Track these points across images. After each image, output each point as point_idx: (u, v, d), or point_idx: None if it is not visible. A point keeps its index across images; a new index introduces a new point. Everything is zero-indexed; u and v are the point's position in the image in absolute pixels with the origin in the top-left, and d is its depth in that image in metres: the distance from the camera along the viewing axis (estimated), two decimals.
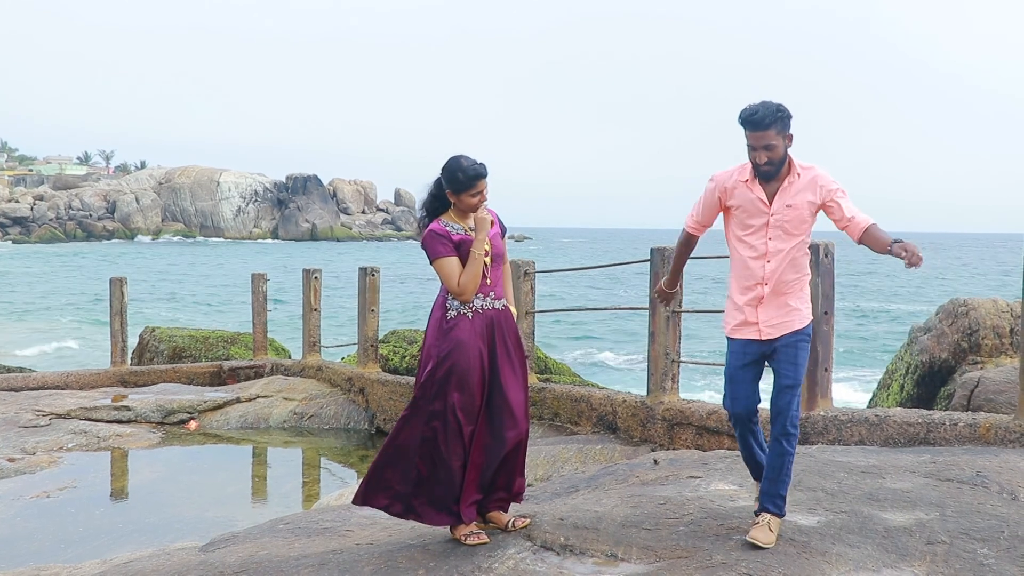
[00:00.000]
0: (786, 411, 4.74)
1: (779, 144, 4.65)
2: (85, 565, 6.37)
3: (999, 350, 10.26)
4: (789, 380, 4.76)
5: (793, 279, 4.78)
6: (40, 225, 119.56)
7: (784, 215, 4.72)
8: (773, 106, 4.63)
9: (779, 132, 4.64)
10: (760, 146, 4.64)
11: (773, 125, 4.61)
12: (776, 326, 4.79)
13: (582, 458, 8.34)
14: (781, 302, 4.78)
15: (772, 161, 4.66)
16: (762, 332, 4.80)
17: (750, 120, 4.63)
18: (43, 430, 11.38)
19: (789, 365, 4.77)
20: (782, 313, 4.78)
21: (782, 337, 4.78)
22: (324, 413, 12.86)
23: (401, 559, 4.85)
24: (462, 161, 5.03)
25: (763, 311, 4.80)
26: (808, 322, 4.82)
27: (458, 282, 4.96)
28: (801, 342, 4.78)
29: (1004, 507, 5.15)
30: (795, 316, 4.78)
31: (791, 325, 4.78)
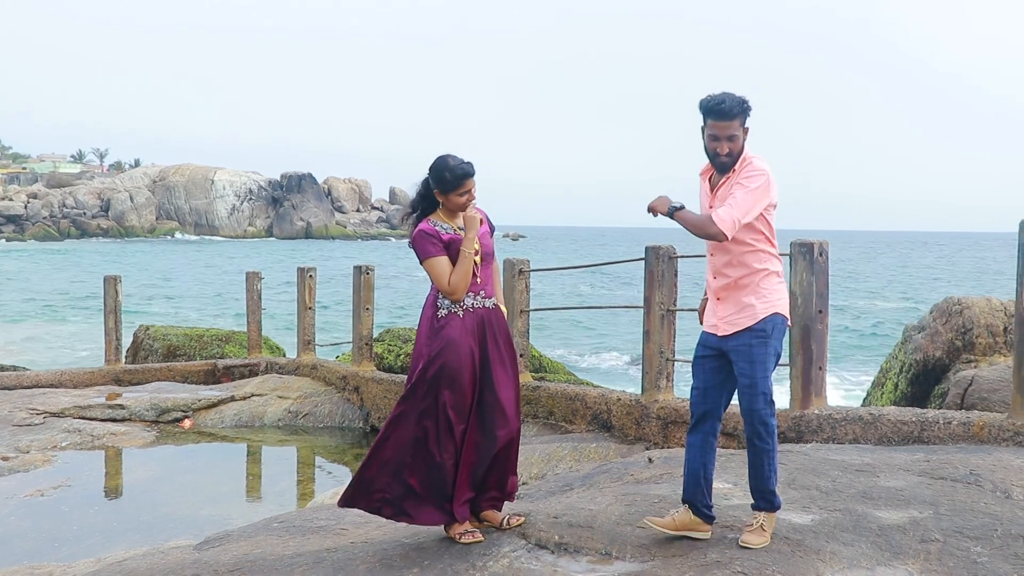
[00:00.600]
0: (750, 412, 4.67)
1: (740, 136, 4.63)
2: (79, 564, 6.37)
3: (993, 349, 10.28)
4: (746, 380, 4.67)
5: (744, 274, 4.71)
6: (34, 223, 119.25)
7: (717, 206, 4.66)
8: (738, 97, 4.61)
9: (742, 124, 4.63)
10: (724, 136, 4.61)
11: (738, 116, 4.60)
12: (730, 323, 4.73)
13: (576, 456, 8.35)
14: (737, 298, 4.72)
15: (732, 153, 4.63)
16: (719, 327, 4.77)
17: (716, 109, 4.59)
18: (37, 429, 11.36)
19: (745, 364, 4.68)
20: (737, 309, 4.72)
21: (735, 336, 4.71)
22: (319, 411, 12.85)
23: (396, 557, 4.86)
24: (449, 160, 5.03)
25: (720, 306, 4.78)
26: (762, 318, 4.67)
27: (448, 281, 4.96)
28: (756, 339, 4.67)
29: (997, 505, 5.16)
30: (748, 313, 4.69)
31: (743, 323, 4.70)
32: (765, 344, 4.67)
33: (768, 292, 4.72)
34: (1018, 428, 6.51)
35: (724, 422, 7.87)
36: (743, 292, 4.72)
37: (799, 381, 7.58)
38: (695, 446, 4.82)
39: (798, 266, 7.55)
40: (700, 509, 4.79)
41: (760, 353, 4.66)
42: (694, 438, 4.83)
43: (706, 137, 4.67)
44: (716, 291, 4.80)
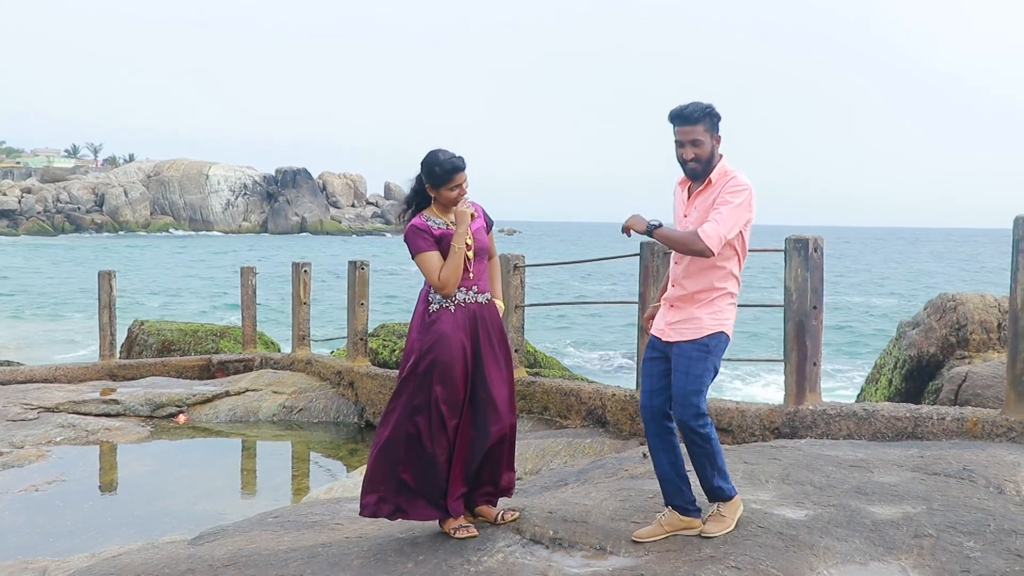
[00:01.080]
0: (681, 422, 4.70)
1: (706, 141, 4.64)
2: (74, 558, 6.37)
3: (987, 345, 10.29)
4: (679, 392, 4.69)
5: (702, 289, 4.73)
6: (28, 218, 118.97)
7: (692, 219, 4.70)
8: (703, 104, 4.65)
9: (707, 129, 4.64)
10: (688, 141, 4.64)
11: (701, 121, 4.63)
12: (677, 330, 4.76)
13: (571, 452, 8.36)
14: (689, 309, 4.75)
15: (699, 158, 4.65)
16: (665, 332, 4.81)
17: (680, 115, 4.65)
18: (31, 424, 11.35)
19: (679, 375, 4.70)
20: (685, 319, 4.75)
21: (676, 344, 4.74)
22: (313, 407, 12.85)
23: (390, 552, 4.86)
24: (439, 155, 5.04)
25: (671, 312, 4.81)
26: (706, 334, 4.69)
27: (439, 276, 4.97)
28: (695, 352, 4.68)
29: (991, 501, 5.17)
30: (695, 325, 4.72)
31: (686, 334, 4.73)
32: (705, 359, 4.70)
33: (719, 311, 4.75)
34: (1011, 424, 6.53)
35: (719, 417, 7.91)
36: (696, 305, 4.75)
37: (793, 377, 7.59)
38: (658, 450, 4.84)
39: (793, 262, 7.56)
40: (685, 508, 4.81)
41: (698, 367, 4.68)
42: (654, 442, 4.85)
43: (675, 145, 4.72)
44: (672, 299, 4.84)
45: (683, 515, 4.80)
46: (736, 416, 7.84)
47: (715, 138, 4.68)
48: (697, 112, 4.62)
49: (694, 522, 4.80)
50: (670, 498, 4.83)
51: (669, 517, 4.81)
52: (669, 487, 4.83)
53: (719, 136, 4.70)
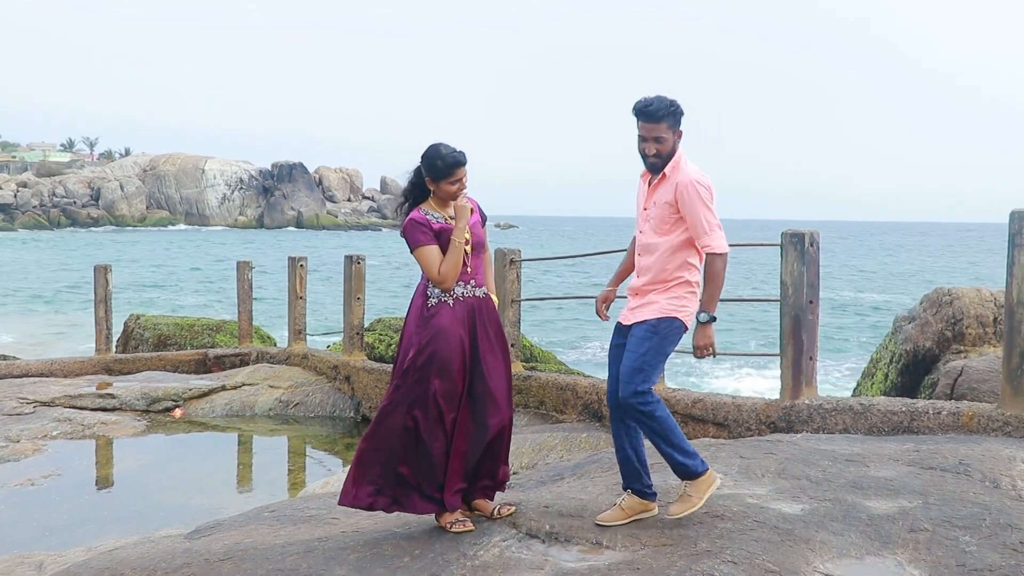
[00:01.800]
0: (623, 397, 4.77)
1: (669, 138, 4.75)
2: (70, 552, 6.37)
3: (982, 339, 10.31)
4: (623, 368, 4.80)
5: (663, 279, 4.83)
6: (24, 212, 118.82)
7: (651, 211, 4.85)
8: (667, 100, 4.75)
9: (670, 126, 4.75)
10: (651, 137, 4.75)
11: (665, 119, 4.73)
12: (634, 314, 4.89)
13: (568, 446, 8.36)
14: (648, 296, 4.86)
15: (660, 154, 4.77)
16: (624, 316, 4.95)
17: (644, 111, 4.74)
18: (27, 418, 11.34)
19: (627, 354, 4.81)
20: (642, 304, 4.87)
21: (633, 326, 4.87)
22: (310, 401, 12.85)
23: (386, 546, 4.86)
24: (441, 149, 5.04)
25: (632, 300, 4.94)
26: (658, 317, 4.79)
27: (438, 270, 4.97)
28: (644, 332, 4.79)
29: (986, 495, 5.18)
30: (649, 308, 4.83)
31: (641, 315, 4.84)
32: (651, 339, 4.79)
33: (677, 298, 4.85)
34: (1007, 418, 6.54)
35: (715, 411, 7.92)
36: (655, 291, 4.86)
37: (789, 371, 7.60)
38: (619, 434, 4.96)
39: (789, 256, 7.56)
40: (643, 491, 4.95)
41: (643, 346, 4.78)
42: (616, 426, 4.97)
43: (638, 139, 4.82)
44: (635, 288, 4.94)
45: (641, 499, 4.94)
46: (732, 410, 7.85)
47: (676, 133, 4.80)
48: (662, 110, 4.72)
49: (651, 505, 4.96)
50: (629, 481, 4.97)
51: (629, 501, 4.94)
52: (628, 470, 4.96)
53: (681, 131, 4.81)
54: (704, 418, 8.04)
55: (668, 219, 4.81)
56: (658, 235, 4.84)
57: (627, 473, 4.98)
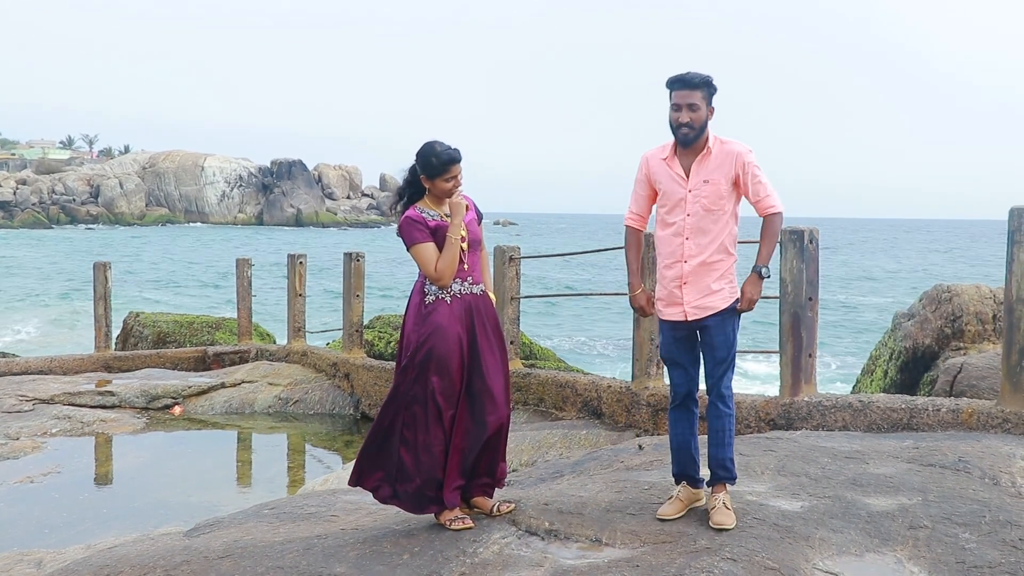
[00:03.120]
0: (718, 384, 4.87)
1: (702, 108, 4.72)
2: (69, 550, 6.36)
3: (982, 336, 10.31)
4: (723, 354, 4.85)
5: (717, 259, 4.83)
6: (23, 210, 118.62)
7: (702, 191, 4.77)
8: (703, 73, 4.74)
9: (704, 96, 4.73)
10: (685, 103, 4.71)
11: (700, 88, 4.71)
12: (701, 307, 4.84)
13: (567, 443, 8.36)
14: (704, 284, 4.82)
15: (693, 124, 4.72)
16: (688, 313, 4.86)
17: (680, 79, 4.73)
18: (26, 415, 11.34)
19: (721, 343, 4.84)
20: (705, 295, 4.83)
21: (709, 317, 4.84)
22: (309, 398, 12.85)
23: (386, 544, 4.86)
24: (436, 146, 5.05)
25: (687, 291, 4.84)
26: (732, 301, 4.85)
27: (435, 267, 4.97)
28: (727, 316, 4.84)
29: (986, 492, 5.18)
30: (720, 296, 4.83)
31: (716, 305, 4.83)
32: (735, 324, 4.89)
33: (733, 280, 4.90)
34: (1007, 415, 6.54)
35: None
36: (711, 277, 4.83)
37: (789, 368, 7.60)
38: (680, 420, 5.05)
39: (788, 253, 7.55)
40: (696, 479, 5.02)
41: (733, 335, 4.88)
42: (680, 413, 5.05)
43: (670, 110, 4.78)
44: (685, 276, 4.84)
45: (694, 487, 4.99)
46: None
47: (710, 109, 4.77)
48: (697, 79, 4.72)
49: (700, 493, 5.00)
50: (685, 467, 5.01)
51: (685, 492, 4.98)
52: (685, 457, 5.00)
53: (713, 108, 4.79)
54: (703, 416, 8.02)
55: (724, 194, 4.78)
56: (713, 212, 4.78)
57: (684, 460, 5.01)
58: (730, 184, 4.78)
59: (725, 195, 4.78)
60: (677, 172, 4.84)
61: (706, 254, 4.80)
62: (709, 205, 4.78)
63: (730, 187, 4.78)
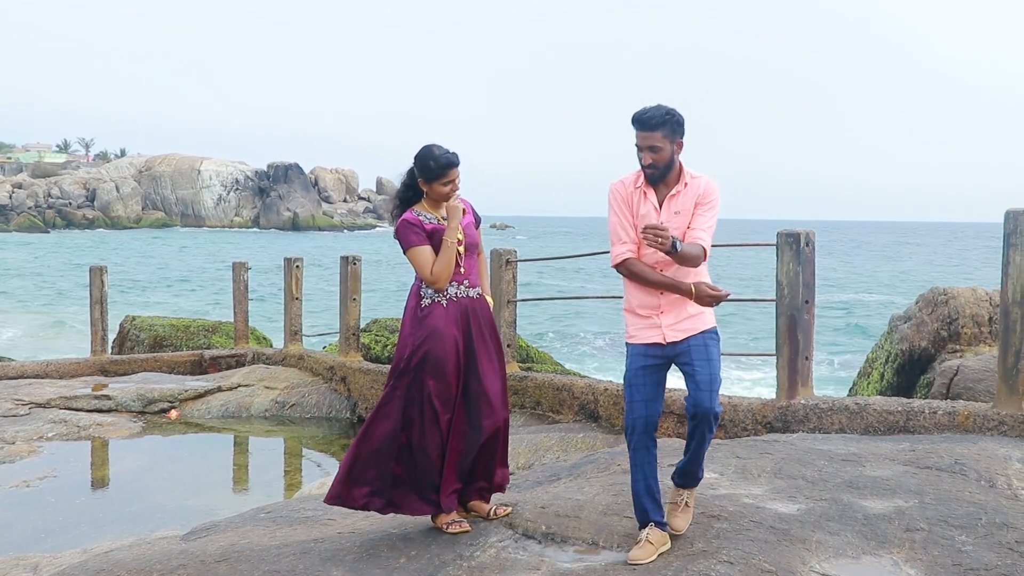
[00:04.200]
0: (710, 409, 4.59)
1: (665, 147, 4.61)
2: (66, 554, 6.36)
3: (978, 339, 10.32)
4: (705, 375, 4.61)
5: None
6: (19, 213, 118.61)
7: (673, 222, 4.64)
8: (664, 110, 4.62)
9: (666, 136, 4.60)
10: (646, 146, 4.62)
11: (660, 128, 4.60)
12: (680, 329, 4.66)
13: (564, 446, 8.36)
14: (681, 309, 4.67)
15: (656, 164, 4.62)
16: (666, 336, 4.66)
17: (639, 120, 4.63)
18: (23, 419, 11.32)
19: (702, 363, 4.62)
20: (685, 318, 4.67)
21: (689, 338, 4.65)
22: (306, 402, 12.84)
23: (383, 547, 4.86)
24: (434, 150, 5.06)
25: (664, 317, 4.68)
26: (713, 324, 4.71)
27: (431, 271, 4.98)
28: (710, 339, 4.67)
29: (982, 494, 5.19)
30: (699, 319, 4.68)
31: (696, 327, 4.67)
32: (718, 345, 4.71)
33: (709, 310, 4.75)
34: (1003, 418, 6.55)
35: None
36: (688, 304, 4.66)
37: (785, 371, 7.60)
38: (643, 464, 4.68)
39: (784, 256, 7.56)
40: (663, 523, 4.69)
41: (716, 352, 4.67)
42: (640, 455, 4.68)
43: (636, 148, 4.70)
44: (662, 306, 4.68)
45: (662, 530, 4.65)
46: (728, 411, 7.85)
47: (676, 143, 4.65)
48: (656, 119, 4.61)
49: (667, 537, 4.67)
50: (651, 514, 4.66)
51: (655, 534, 4.62)
52: (650, 504, 4.67)
53: (681, 142, 4.67)
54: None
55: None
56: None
57: (649, 507, 4.66)
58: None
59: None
60: (652, 203, 4.73)
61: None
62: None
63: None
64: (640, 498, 4.67)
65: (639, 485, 4.66)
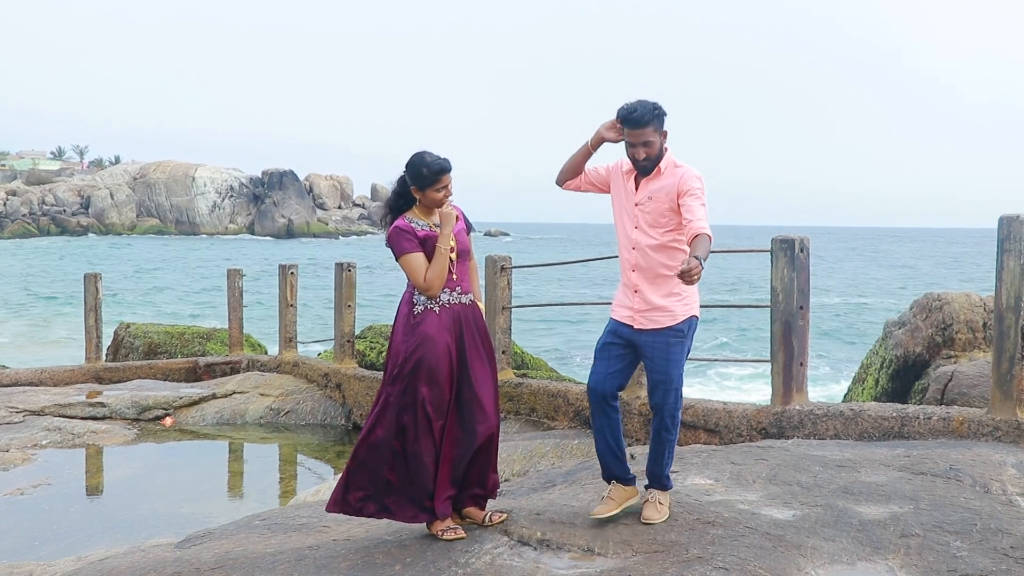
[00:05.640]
0: (662, 406, 4.89)
1: (656, 140, 4.84)
2: (60, 563, 6.34)
3: (972, 344, 10.34)
4: (660, 376, 4.87)
5: (666, 273, 4.88)
6: (13, 221, 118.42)
7: (646, 205, 4.89)
8: (650, 104, 4.83)
9: (656, 129, 4.83)
10: (639, 143, 4.84)
11: (651, 123, 4.81)
12: (647, 318, 4.91)
13: (559, 453, 8.35)
14: (653, 297, 4.89)
15: (650, 157, 4.86)
16: (635, 320, 4.95)
17: (629, 118, 4.82)
18: (17, 427, 11.30)
19: (659, 362, 4.88)
20: (653, 308, 4.90)
21: (650, 332, 4.90)
22: (300, 409, 12.83)
23: (378, 555, 4.85)
24: (426, 156, 5.07)
25: (637, 299, 4.94)
26: (682, 320, 4.89)
27: (424, 277, 4.99)
28: (673, 337, 4.87)
29: (977, 500, 5.19)
30: (667, 313, 4.88)
31: (661, 321, 4.88)
32: (681, 344, 4.91)
33: (686, 296, 4.93)
34: (997, 423, 6.55)
35: (706, 417, 7.92)
36: (662, 290, 4.90)
37: (780, 377, 7.61)
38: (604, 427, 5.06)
39: (779, 262, 7.57)
40: (626, 478, 5.09)
41: (675, 353, 4.89)
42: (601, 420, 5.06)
43: (626, 146, 4.91)
44: (635, 284, 4.95)
45: (625, 485, 5.06)
46: (723, 417, 7.85)
47: (663, 134, 4.88)
48: (647, 115, 4.81)
49: (635, 491, 5.08)
50: (613, 470, 5.07)
51: (616, 491, 5.03)
52: (611, 460, 5.07)
53: (666, 131, 4.89)
54: (695, 424, 8.04)
55: (666, 212, 4.86)
56: (659, 227, 4.89)
57: (610, 463, 5.07)
58: (674, 204, 4.86)
59: (668, 213, 4.88)
60: (629, 186, 4.99)
61: (656, 265, 4.91)
62: (653, 220, 4.89)
63: (673, 207, 4.86)
64: (602, 456, 5.10)
65: (601, 445, 5.09)
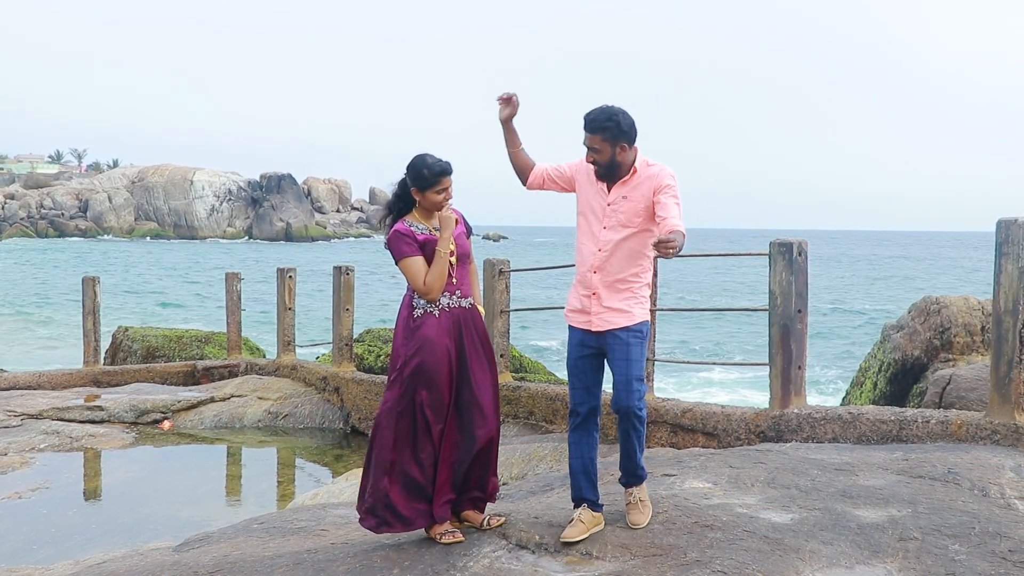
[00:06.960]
0: (627, 409, 4.89)
1: (604, 150, 4.85)
2: (58, 566, 6.34)
3: (971, 348, 10.34)
4: (622, 376, 4.88)
5: (630, 276, 4.91)
6: (11, 224, 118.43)
7: (620, 206, 4.90)
8: (607, 114, 4.84)
9: (605, 139, 4.84)
10: (588, 147, 4.90)
11: (599, 132, 4.83)
12: (604, 320, 4.92)
13: (557, 456, 8.35)
14: (614, 299, 4.92)
15: (597, 163, 4.89)
16: (592, 323, 4.95)
17: (585, 120, 4.89)
18: (15, 431, 11.29)
19: (620, 362, 4.89)
20: (612, 309, 4.92)
21: (610, 333, 4.91)
22: (299, 412, 12.82)
23: (376, 558, 4.85)
24: (427, 158, 5.07)
25: (595, 302, 4.94)
26: (639, 321, 4.92)
27: (424, 281, 4.98)
28: (633, 338, 4.89)
29: (975, 503, 5.19)
30: (625, 314, 4.90)
31: (620, 321, 4.90)
32: (641, 344, 4.93)
33: (644, 300, 4.98)
34: (995, 427, 6.55)
35: (704, 421, 7.92)
36: (620, 295, 4.92)
37: (779, 380, 7.61)
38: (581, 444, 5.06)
39: (777, 266, 7.57)
40: (597, 504, 5.03)
41: (636, 352, 4.91)
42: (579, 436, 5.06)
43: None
44: (594, 287, 4.95)
45: (595, 511, 5.01)
46: (721, 420, 7.86)
47: (619, 146, 4.86)
48: (596, 124, 4.85)
49: (601, 517, 5.01)
50: (585, 492, 5.01)
51: (586, 515, 4.97)
52: (584, 482, 5.02)
53: (624, 145, 4.86)
54: (693, 428, 8.05)
55: (641, 212, 4.87)
56: (629, 228, 4.89)
57: (585, 486, 5.03)
58: (648, 204, 4.87)
59: (642, 214, 4.88)
60: (600, 186, 4.98)
61: (619, 268, 4.91)
62: (625, 221, 4.90)
63: (648, 207, 4.87)
64: (576, 475, 5.05)
65: (576, 462, 5.05)
